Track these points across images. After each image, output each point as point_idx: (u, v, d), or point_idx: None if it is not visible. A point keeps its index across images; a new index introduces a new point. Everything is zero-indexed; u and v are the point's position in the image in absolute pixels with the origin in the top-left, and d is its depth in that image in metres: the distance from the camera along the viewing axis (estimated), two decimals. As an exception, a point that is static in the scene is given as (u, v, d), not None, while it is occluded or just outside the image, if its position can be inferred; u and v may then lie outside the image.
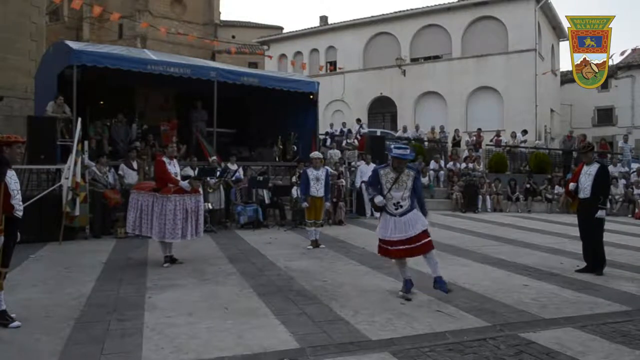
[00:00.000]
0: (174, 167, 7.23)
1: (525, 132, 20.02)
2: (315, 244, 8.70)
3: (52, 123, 10.19)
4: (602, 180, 6.97)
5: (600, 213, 6.84)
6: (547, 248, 8.90)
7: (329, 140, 18.69)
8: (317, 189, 8.68)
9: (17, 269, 6.38)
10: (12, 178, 4.48)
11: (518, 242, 9.53)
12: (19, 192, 4.56)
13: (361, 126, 19.86)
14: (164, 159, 7.20)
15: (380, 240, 5.55)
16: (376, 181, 5.55)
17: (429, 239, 5.39)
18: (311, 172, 8.75)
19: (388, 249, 5.45)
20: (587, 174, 6.97)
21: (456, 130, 20.59)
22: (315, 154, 9.14)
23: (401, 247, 5.34)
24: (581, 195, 7.03)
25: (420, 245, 5.34)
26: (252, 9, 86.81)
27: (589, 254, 6.99)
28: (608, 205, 9.36)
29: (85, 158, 9.59)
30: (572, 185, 7.31)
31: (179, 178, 7.19)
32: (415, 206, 5.47)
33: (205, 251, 8.31)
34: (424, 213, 5.55)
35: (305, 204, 8.77)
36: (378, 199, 5.42)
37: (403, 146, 5.91)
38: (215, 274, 6.64)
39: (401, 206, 5.41)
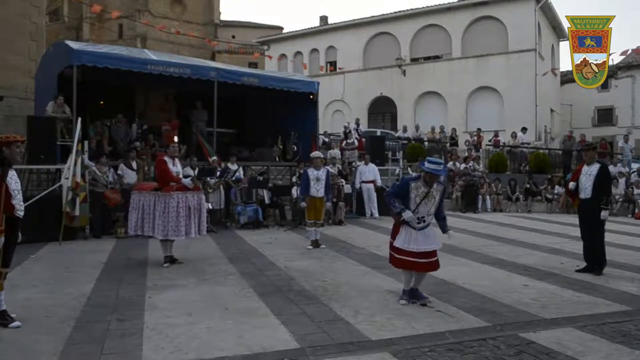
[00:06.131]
0: (175, 167, 7.23)
1: (525, 129, 19.99)
2: (316, 244, 8.70)
3: (52, 123, 10.18)
4: (605, 181, 6.94)
5: (604, 214, 6.81)
6: (547, 248, 8.90)
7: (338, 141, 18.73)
8: (318, 189, 8.65)
9: (17, 269, 6.37)
10: (12, 178, 4.47)
11: (518, 242, 9.53)
12: (20, 192, 4.55)
13: (358, 125, 19.81)
14: (166, 158, 7.20)
15: (398, 250, 5.23)
16: (404, 193, 5.24)
17: (437, 257, 5.29)
18: (311, 172, 8.73)
19: (409, 261, 5.17)
20: (588, 174, 6.91)
21: (453, 130, 20.60)
22: (316, 153, 9.13)
23: (422, 261, 5.15)
24: (582, 195, 6.99)
25: (434, 261, 5.23)
26: (252, 9, 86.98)
27: (589, 254, 6.97)
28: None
29: (85, 158, 9.59)
30: (572, 185, 7.26)
31: (180, 177, 7.19)
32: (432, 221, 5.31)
33: (205, 251, 8.32)
34: (445, 226, 5.36)
35: (303, 204, 8.76)
36: (407, 215, 5.12)
37: (437, 160, 5.39)
38: (215, 274, 6.64)
39: (424, 221, 5.22)
